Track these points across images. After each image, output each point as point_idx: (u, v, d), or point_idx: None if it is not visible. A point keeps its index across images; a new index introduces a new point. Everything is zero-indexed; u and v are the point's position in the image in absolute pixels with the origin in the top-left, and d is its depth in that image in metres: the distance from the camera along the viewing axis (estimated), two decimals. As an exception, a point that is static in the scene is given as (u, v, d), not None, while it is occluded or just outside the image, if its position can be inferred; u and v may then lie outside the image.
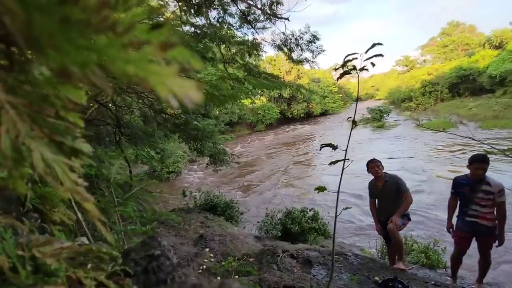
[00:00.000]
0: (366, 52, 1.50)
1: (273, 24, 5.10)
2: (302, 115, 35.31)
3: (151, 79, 0.15)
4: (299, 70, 36.30)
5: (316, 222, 5.77)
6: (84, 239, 1.16)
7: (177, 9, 4.62)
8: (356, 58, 1.56)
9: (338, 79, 1.72)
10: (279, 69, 35.61)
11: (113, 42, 0.14)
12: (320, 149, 1.61)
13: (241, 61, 4.67)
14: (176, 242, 4.49)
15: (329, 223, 5.97)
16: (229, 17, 4.89)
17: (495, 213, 2.86)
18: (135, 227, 2.02)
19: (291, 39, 5.14)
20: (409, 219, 3.44)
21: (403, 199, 3.29)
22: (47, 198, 1.15)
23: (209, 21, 4.69)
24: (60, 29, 0.14)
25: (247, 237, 5.22)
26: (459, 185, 3.02)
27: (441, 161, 11.79)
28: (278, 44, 5.24)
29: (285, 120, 34.60)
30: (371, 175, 3.45)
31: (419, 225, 6.48)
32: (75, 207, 1.28)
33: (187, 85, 0.15)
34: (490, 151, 3.39)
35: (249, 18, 4.94)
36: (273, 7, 4.92)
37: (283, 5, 4.99)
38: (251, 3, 4.82)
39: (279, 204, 8.40)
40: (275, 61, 36.15)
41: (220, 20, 4.84)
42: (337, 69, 1.65)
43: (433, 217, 6.88)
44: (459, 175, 3.14)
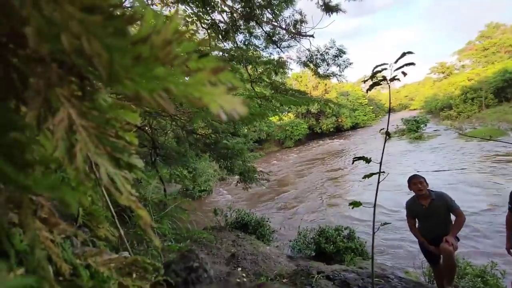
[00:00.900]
0: (396, 62, 1.47)
1: (298, 42, 5.21)
2: (331, 130, 34.58)
3: (204, 98, 0.18)
4: (326, 84, 36.05)
5: (352, 241, 5.44)
6: (126, 254, 1.23)
7: (206, 36, 4.95)
8: (385, 68, 1.53)
9: (367, 91, 1.69)
10: (306, 85, 35.69)
11: (174, 71, 0.18)
12: (352, 162, 1.56)
13: (267, 80, 4.80)
14: (208, 260, 4.51)
15: (367, 242, 5.60)
16: (254, 39, 5.11)
17: None
18: (171, 244, 2.08)
19: (316, 55, 5.19)
20: (458, 239, 3.10)
21: (451, 218, 2.99)
22: (94, 215, 1.25)
23: (236, 45, 4.93)
24: (133, 64, 0.18)
25: (280, 257, 5.07)
26: None
27: (501, 172, 10.55)
28: (303, 60, 5.31)
29: (314, 135, 34.10)
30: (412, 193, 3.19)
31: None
32: (117, 224, 1.37)
33: (234, 101, 0.18)
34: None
35: (274, 38, 5.12)
36: (297, 26, 5.06)
37: (307, 23, 5.11)
38: (275, 24, 5.00)
39: (314, 221, 8.09)
40: (301, 77, 36.40)
41: (246, 42, 5.08)
42: (366, 81, 1.63)
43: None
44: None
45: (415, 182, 3.08)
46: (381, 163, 1.33)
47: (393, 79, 1.41)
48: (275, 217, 9.59)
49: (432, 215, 3.06)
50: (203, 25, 4.72)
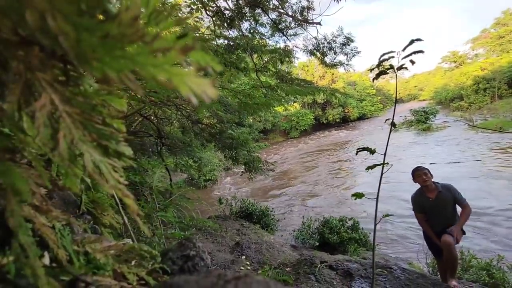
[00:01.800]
0: (403, 49, 1.42)
1: (305, 29, 5.09)
2: (338, 120, 34.21)
3: (174, 80, 0.16)
4: (333, 74, 35.42)
5: (356, 232, 5.46)
6: (129, 241, 1.26)
7: (211, 24, 4.87)
8: (393, 57, 1.48)
9: (374, 80, 1.65)
10: (312, 75, 35.16)
11: (142, 50, 0.16)
12: (356, 153, 1.54)
13: (273, 69, 4.73)
14: (213, 248, 4.60)
15: (371, 233, 5.61)
16: (260, 27, 5.01)
17: None
18: (175, 232, 2.12)
19: (323, 43, 5.07)
20: (464, 233, 3.07)
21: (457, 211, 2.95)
22: (99, 203, 1.27)
23: (241, 33, 4.85)
24: (101, 44, 0.16)
25: (283, 246, 5.13)
26: None
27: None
28: (310, 49, 5.20)
29: (320, 126, 33.82)
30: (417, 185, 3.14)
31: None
32: (122, 212, 1.40)
33: (204, 83, 0.16)
34: None
35: (280, 26, 5.00)
36: (304, 13, 4.92)
37: (314, 10, 4.97)
38: (281, 11, 4.88)
39: (328, 212, 8.09)
40: (307, 66, 35.82)
41: (252, 30, 4.98)
42: (372, 70, 1.58)
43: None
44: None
45: (419, 174, 3.02)
46: (385, 154, 1.31)
47: (400, 68, 1.37)
48: (280, 207, 9.67)
49: (439, 207, 3.01)
50: (208, 12, 4.64)
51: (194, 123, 5.57)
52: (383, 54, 1.41)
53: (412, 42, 1.31)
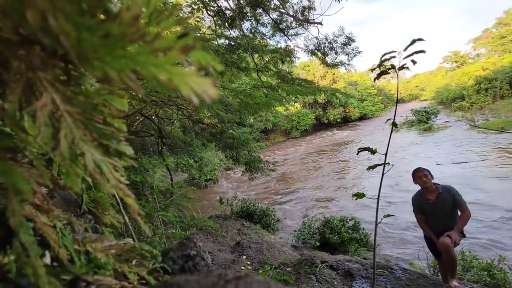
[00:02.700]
0: (405, 49, 1.42)
1: (306, 29, 5.08)
2: (338, 120, 34.16)
3: (175, 79, 0.16)
4: (334, 74, 35.38)
5: (357, 232, 5.45)
6: (130, 240, 1.26)
7: (212, 23, 4.87)
8: (394, 56, 1.47)
9: (375, 80, 1.65)
10: (313, 74, 35.11)
11: (143, 49, 0.16)
12: (357, 153, 1.54)
13: (274, 69, 4.72)
14: (214, 248, 4.60)
15: (371, 233, 5.60)
16: (261, 27, 5.01)
17: None
18: (175, 231, 2.12)
19: (324, 43, 5.06)
20: (464, 236, 3.06)
21: (458, 213, 2.94)
22: (100, 202, 1.28)
23: (242, 33, 4.85)
24: (102, 43, 0.16)
25: (284, 246, 5.13)
26: None
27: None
28: (311, 49, 5.19)
29: (321, 126, 33.78)
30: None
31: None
32: (123, 211, 1.40)
33: (205, 82, 0.16)
34: None
35: (281, 26, 5.00)
36: (305, 13, 4.92)
37: (315, 10, 4.96)
38: (283, 11, 4.88)
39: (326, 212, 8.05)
40: (308, 66, 35.78)
41: (253, 30, 4.98)
42: (373, 70, 1.58)
43: None
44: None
45: (419, 175, 3.01)
46: (386, 154, 1.31)
47: (401, 68, 1.36)
48: (280, 207, 9.65)
49: (438, 209, 3.01)
50: (209, 12, 4.64)
51: (195, 122, 5.58)
52: (384, 54, 1.41)
53: (413, 42, 1.31)
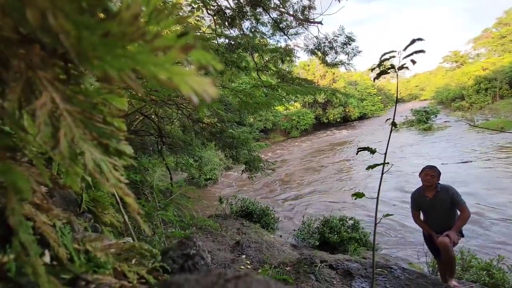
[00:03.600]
0: (405, 49, 1.42)
1: (306, 29, 5.08)
2: (338, 120, 34.17)
3: (174, 78, 0.16)
4: (334, 73, 35.36)
5: (356, 231, 5.46)
6: (129, 240, 1.26)
7: (212, 23, 4.87)
8: (394, 56, 1.47)
9: (374, 79, 1.65)
10: (313, 74, 35.11)
11: (143, 48, 0.16)
12: (357, 153, 1.54)
13: (274, 68, 4.72)
14: (213, 247, 4.60)
15: (370, 233, 5.60)
16: (261, 26, 5.00)
17: None
18: (175, 230, 2.12)
19: (324, 43, 5.06)
20: (462, 235, 3.07)
21: (457, 212, 2.95)
22: (99, 201, 1.27)
23: (242, 32, 4.84)
24: (101, 42, 0.16)
25: (284, 245, 5.14)
26: None
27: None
28: (311, 48, 5.19)
29: (321, 125, 33.80)
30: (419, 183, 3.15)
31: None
32: (122, 210, 1.40)
33: (205, 82, 0.16)
34: None
35: (281, 25, 4.99)
36: (305, 12, 4.91)
37: (315, 9, 4.96)
38: (283, 10, 4.87)
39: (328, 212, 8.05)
40: (308, 66, 35.76)
41: (253, 29, 4.98)
42: (373, 70, 1.58)
43: None
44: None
45: (427, 173, 3.03)
46: (385, 154, 1.31)
47: (401, 68, 1.36)
48: (279, 207, 9.65)
49: (436, 207, 3.04)
50: (209, 11, 4.63)
51: (194, 122, 5.57)
52: (384, 53, 1.41)
53: (413, 41, 1.31)
